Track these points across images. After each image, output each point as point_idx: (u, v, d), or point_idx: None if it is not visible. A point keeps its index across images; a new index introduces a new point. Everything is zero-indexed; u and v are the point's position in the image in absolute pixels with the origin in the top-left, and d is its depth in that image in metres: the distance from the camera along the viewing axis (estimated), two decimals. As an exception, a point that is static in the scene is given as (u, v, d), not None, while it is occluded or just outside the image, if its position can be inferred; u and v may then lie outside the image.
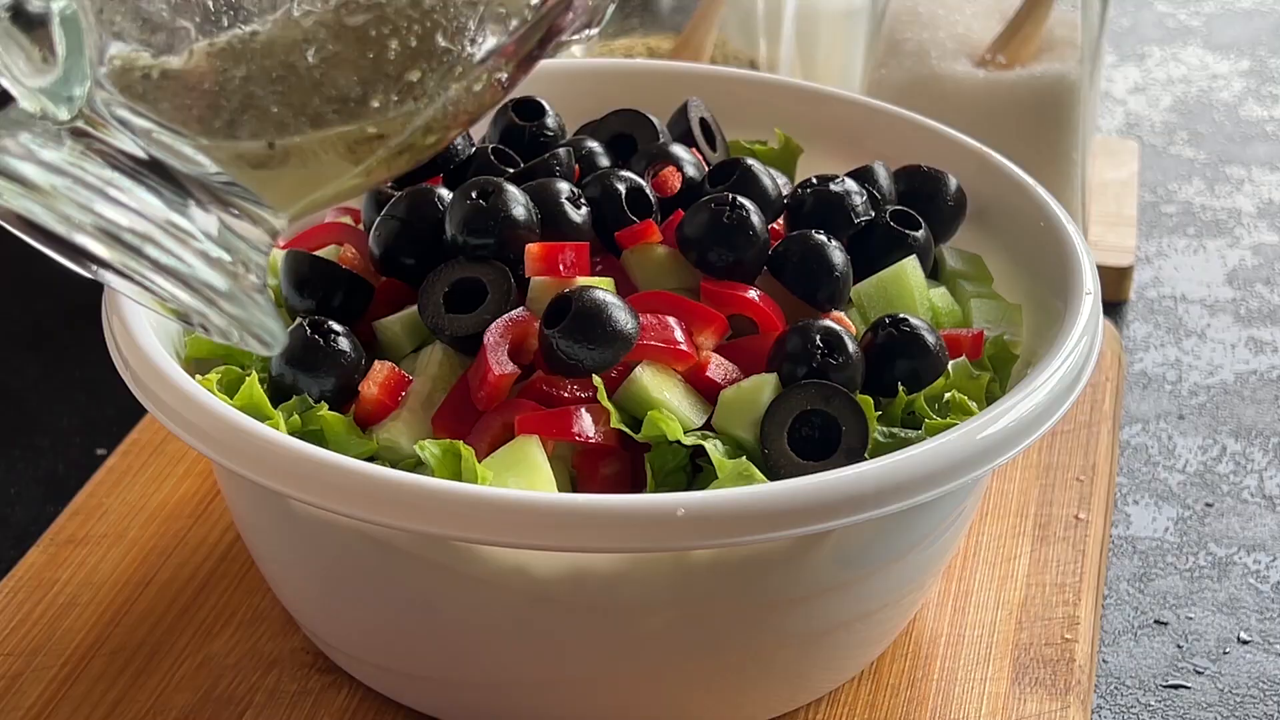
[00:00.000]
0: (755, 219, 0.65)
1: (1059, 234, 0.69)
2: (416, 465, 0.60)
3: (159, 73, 0.50)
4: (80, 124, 0.50)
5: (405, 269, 0.66)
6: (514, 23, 0.54)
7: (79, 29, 0.48)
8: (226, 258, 0.51)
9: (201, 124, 0.51)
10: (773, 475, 0.59)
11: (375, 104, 0.53)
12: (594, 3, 0.57)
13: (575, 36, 0.57)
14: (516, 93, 0.63)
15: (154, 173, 0.51)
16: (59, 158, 0.50)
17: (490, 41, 0.54)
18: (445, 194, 0.66)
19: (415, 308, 0.64)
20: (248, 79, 0.51)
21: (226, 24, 0.50)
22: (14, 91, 0.50)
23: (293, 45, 0.51)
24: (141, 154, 0.51)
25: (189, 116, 0.51)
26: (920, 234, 0.69)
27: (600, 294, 0.61)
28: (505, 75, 0.56)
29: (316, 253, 0.68)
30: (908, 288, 0.67)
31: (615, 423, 0.60)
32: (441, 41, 0.52)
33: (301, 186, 0.54)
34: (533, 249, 0.64)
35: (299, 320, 0.63)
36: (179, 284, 0.51)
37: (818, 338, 0.61)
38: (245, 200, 0.52)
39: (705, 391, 0.62)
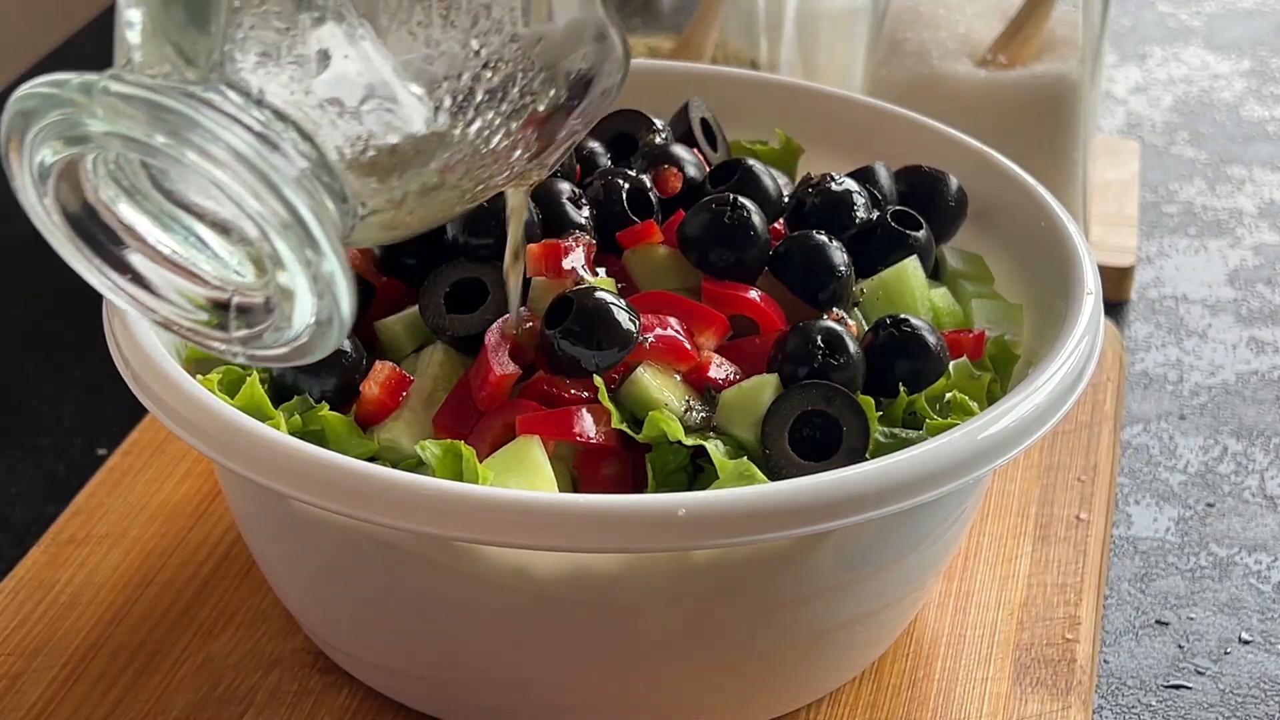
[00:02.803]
0: (756, 219, 0.65)
1: (1060, 234, 0.69)
2: (417, 465, 0.59)
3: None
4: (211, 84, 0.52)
5: (406, 269, 0.66)
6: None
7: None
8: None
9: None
10: (774, 475, 0.59)
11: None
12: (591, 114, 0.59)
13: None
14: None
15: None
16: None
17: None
18: (446, 194, 0.66)
19: (416, 308, 0.64)
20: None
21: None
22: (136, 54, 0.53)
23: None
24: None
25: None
26: (921, 234, 0.69)
27: (601, 294, 0.61)
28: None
29: (317, 253, 0.68)
30: (909, 288, 0.67)
31: (616, 423, 0.60)
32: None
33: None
34: (534, 249, 0.64)
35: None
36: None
37: (818, 338, 0.61)
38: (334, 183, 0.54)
39: (706, 392, 0.62)
